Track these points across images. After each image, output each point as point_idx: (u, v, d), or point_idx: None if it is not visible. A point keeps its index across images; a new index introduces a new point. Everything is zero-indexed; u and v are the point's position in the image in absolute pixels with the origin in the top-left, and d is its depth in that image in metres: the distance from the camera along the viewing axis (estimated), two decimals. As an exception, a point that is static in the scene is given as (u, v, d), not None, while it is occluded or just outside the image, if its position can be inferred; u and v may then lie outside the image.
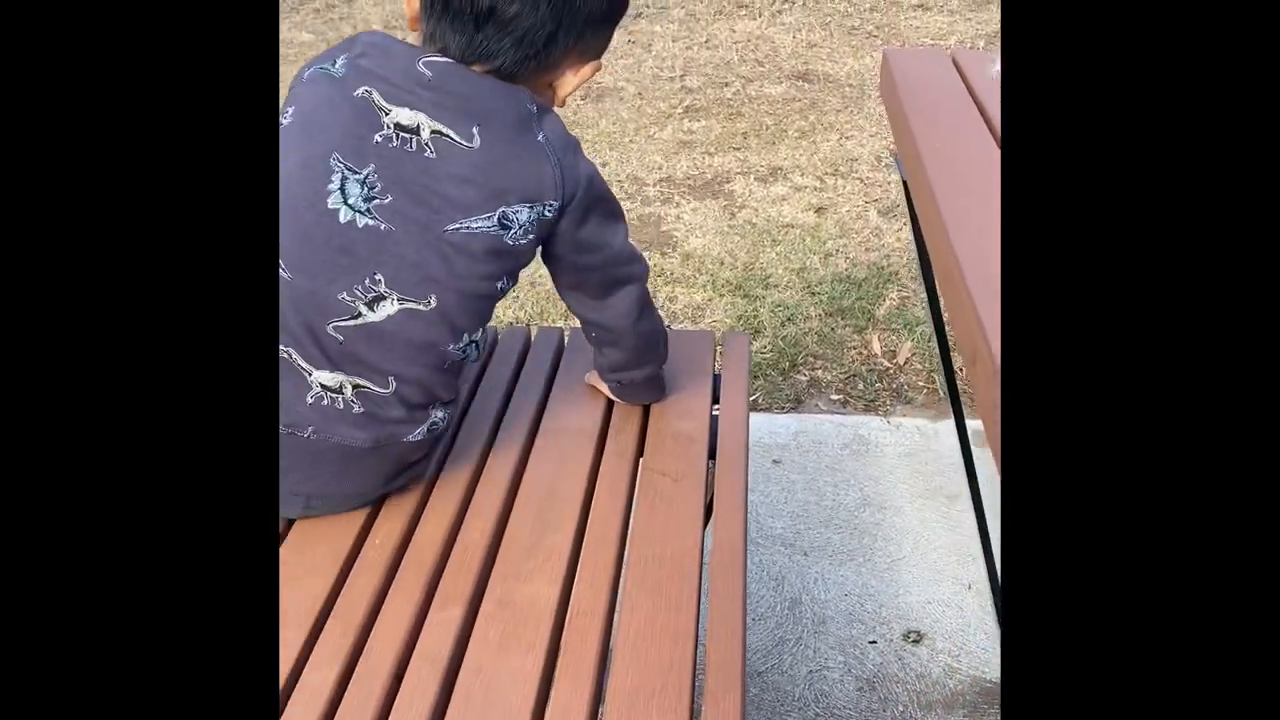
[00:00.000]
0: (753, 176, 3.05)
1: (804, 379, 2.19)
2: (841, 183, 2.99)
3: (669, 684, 0.87)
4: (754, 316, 2.37)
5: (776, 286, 2.49)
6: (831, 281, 2.49)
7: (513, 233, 0.91)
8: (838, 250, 2.63)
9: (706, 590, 0.99)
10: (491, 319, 1.03)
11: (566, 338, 1.42)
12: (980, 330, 0.86)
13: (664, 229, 2.80)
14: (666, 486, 1.11)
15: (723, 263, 2.59)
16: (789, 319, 2.36)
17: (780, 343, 2.28)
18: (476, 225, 0.90)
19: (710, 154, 3.21)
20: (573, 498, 1.11)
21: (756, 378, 2.18)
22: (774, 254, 2.63)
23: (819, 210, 2.84)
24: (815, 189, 2.96)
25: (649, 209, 2.90)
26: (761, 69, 3.90)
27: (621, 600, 0.97)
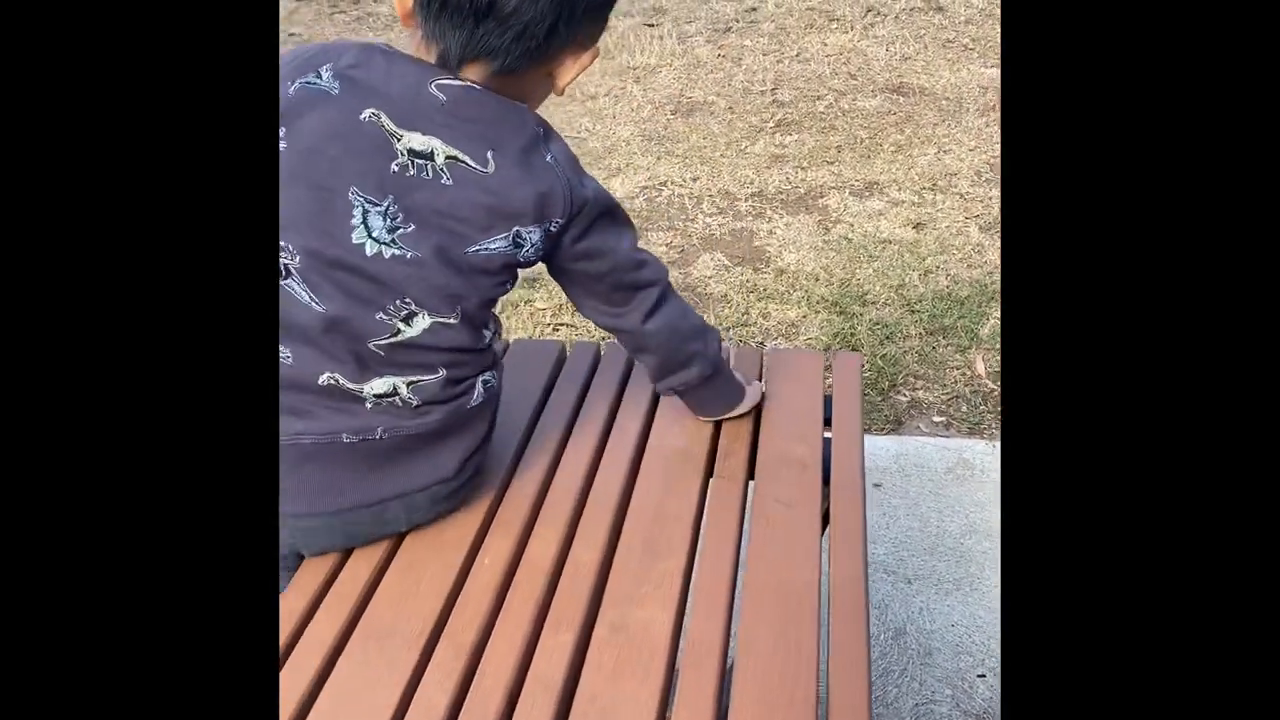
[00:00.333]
0: (847, 191, 3.00)
1: (904, 399, 2.13)
2: (940, 198, 2.92)
3: (791, 721, 0.84)
4: (851, 334, 2.32)
5: (874, 304, 2.43)
6: (932, 299, 2.43)
7: (524, 250, 0.94)
8: (938, 267, 2.56)
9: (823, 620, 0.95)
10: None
11: (671, 355, 1.40)
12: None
13: (756, 244, 2.76)
14: (780, 513, 1.08)
15: (817, 279, 2.55)
16: (888, 337, 2.30)
17: (879, 362, 2.22)
18: (494, 246, 0.92)
19: (803, 168, 3.16)
20: (682, 521, 1.08)
21: (855, 397, 2.12)
22: (871, 270, 2.57)
23: (917, 226, 2.77)
24: (913, 204, 2.89)
25: (741, 224, 2.87)
26: (854, 82, 3.84)
27: (738, 631, 0.94)
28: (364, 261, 0.89)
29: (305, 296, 0.90)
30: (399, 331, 0.93)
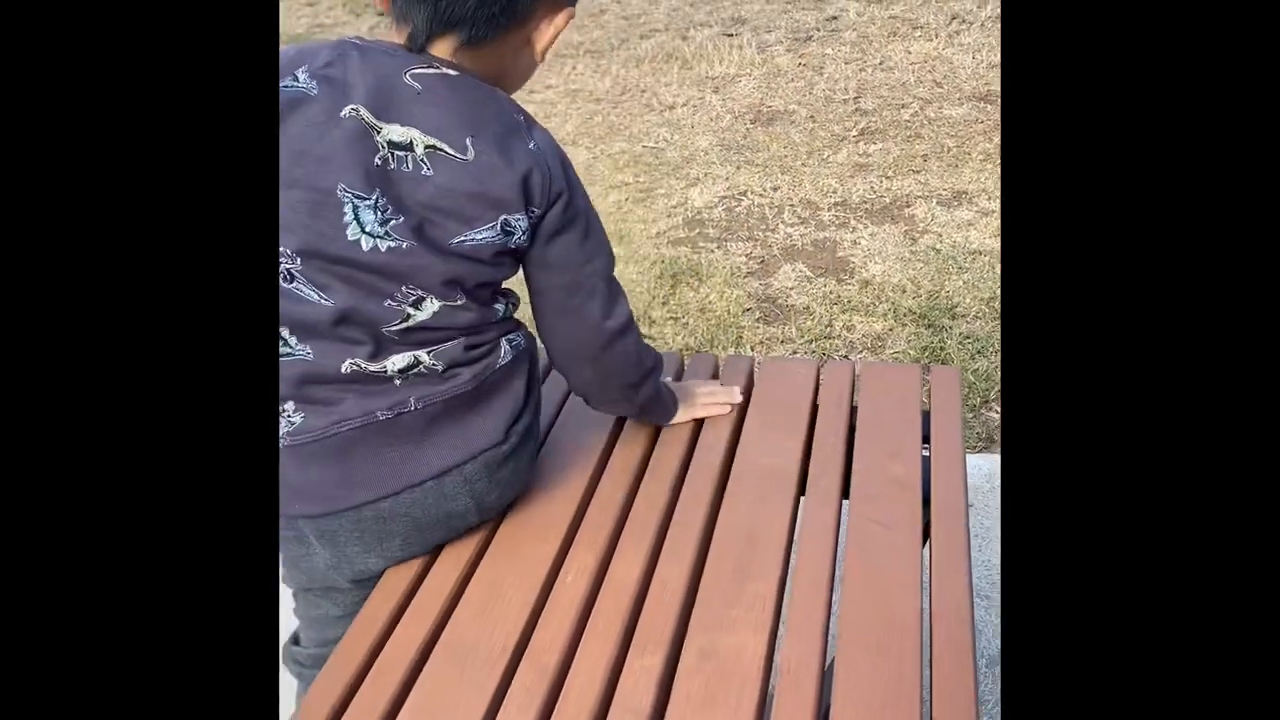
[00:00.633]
0: (935, 200, 2.91)
1: (996, 417, 2.05)
2: (1031, 208, 2.82)
3: (895, 760, 0.78)
4: (940, 348, 2.24)
5: (964, 317, 2.35)
6: (1024, 313, 2.33)
7: (515, 238, 0.93)
8: (1030, 279, 2.47)
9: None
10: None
11: (757, 367, 1.35)
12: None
13: (840, 255, 2.70)
14: (879, 535, 1.02)
15: (904, 290, 2.47)
16: (979, 352, 2.22)
17: (970, 377, 2.14)
18: (481, 236, 0.91)
19: (888, 177, 3.08)
20: (774, 542, 1.03)
21: (944, 414, 2.04)
22: (960, 282, 2.48)
23: (1008, 237, 2.68)
24: (1003, 214, 2.80)
25: (824, 234, 2.81)
26: (940, 90, 3.75)
27: (836, 659, 0.88)
28: (361, 256, 0.89)
29: (313, 295, 0.91)
30: (409, 316, 0.93)
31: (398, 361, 0.94)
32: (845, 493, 1.12)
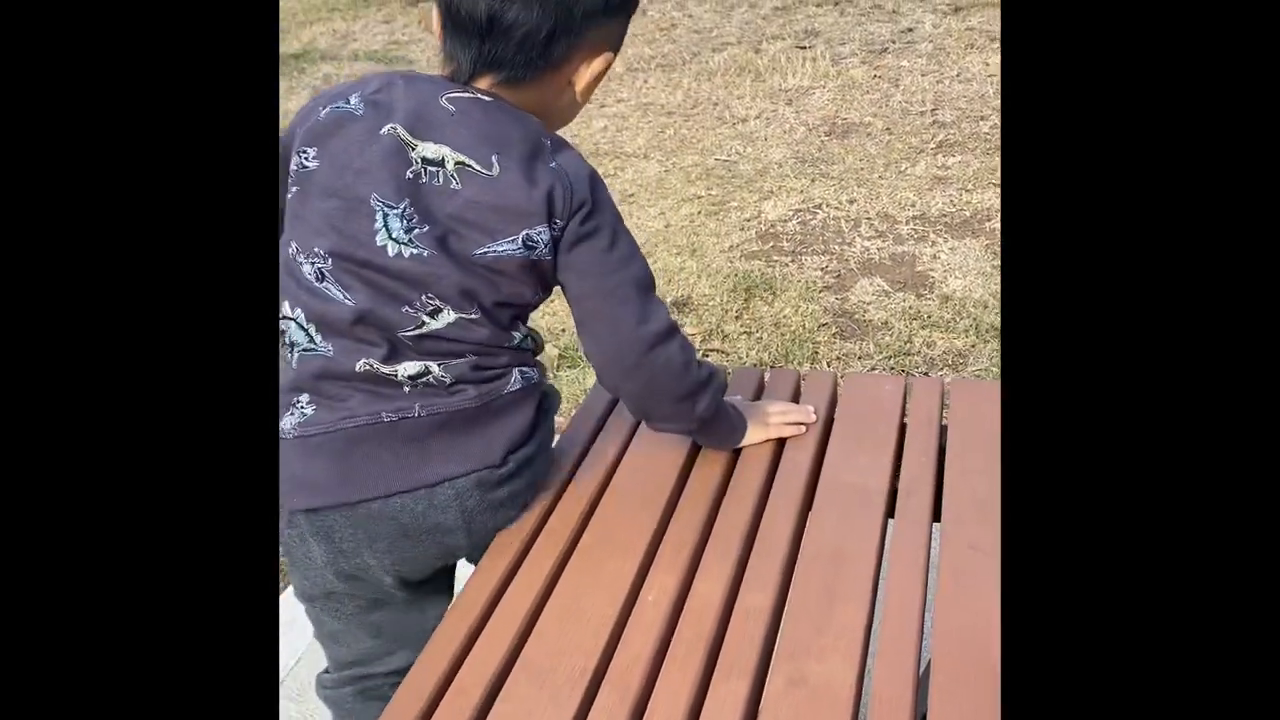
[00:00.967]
0: (1016, 214, 2.84)
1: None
2: (1120, 221, 2.72)
3: (998, 802, 0.74)
4: (1024, 366, 2.17)
5: (1049, 334, 2.27)
6: (1114, 330, 2.25)
7: (538, 250, 0.97)
8: (1119, 295, 2.38)
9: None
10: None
11: (840, 383, 1.31)
12: None
13: (919, 269, 2.64)
14: (975, 561, 0.97)
15: (986, 306, 2.40)
16: (1066, 370, 2.14)
17: (1057, 396, 2.07)
18: (502, 249, 0.96)
19: (968, 190, 3.01)
20: (862, 565, 0.99)
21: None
22: (1045, 298, 2.41)
23: (1095, 251, 2.59)
24: (1089, 228, 2.71)
25: (902, 248, 2.75)
26: (1021, 101, 3.66)
27: (932, 692, 0.84)
28: (387, 261, 0.95)
29: (339, 295, 0.97)
30: (423, 324, 0.98)
31: (409, 368, 0.99)
32: (936, 515, 1.07)
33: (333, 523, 1.00)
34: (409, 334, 0.98)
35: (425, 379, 0.99)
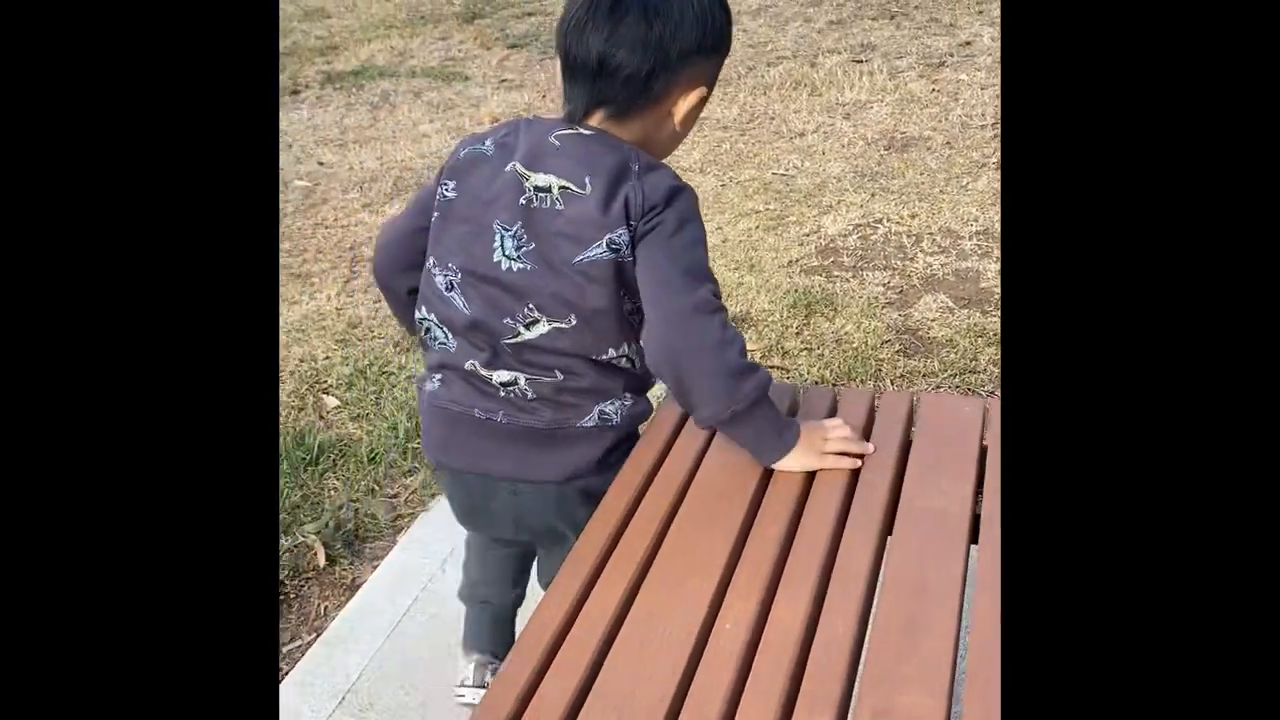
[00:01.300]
0: (1084, 229, 2.77)
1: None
2: (1193, 237, 2.65)
3: None
4: (1096, 385, 2.11)
5: (1122, 352, 2.21)
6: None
7: (621, 251, 1.09)
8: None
9: None
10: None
11: (916, 403, 1.28)
12: None
13: (983, 285, 2.58)
14: (1066, 591, 0.94)
15: (1055, 324, 2.34)
16: (1140, 390, 2.08)
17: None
18: (594, 254, 1.09)
19: (1032, 205, 2.95)
20: (947, 593, 0.96)
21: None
22: (1116, 315, 2.34)
23: (1167, 267, 2.52)
24: (1161, 244, 2.64)
25: (965, 264, 2.70)
26: (1086, 114, 3.59)
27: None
28: (500, 275, 1.12)
29: (460, 304, 1.15)
30: (519, 334, 1.13)
31: (502, 375, 1.15)
32: (1022, 542, 1.03)
33: (448, 477, 1.25)
34: (509, 342, 1.14)
35: (513, 389, 1.15)
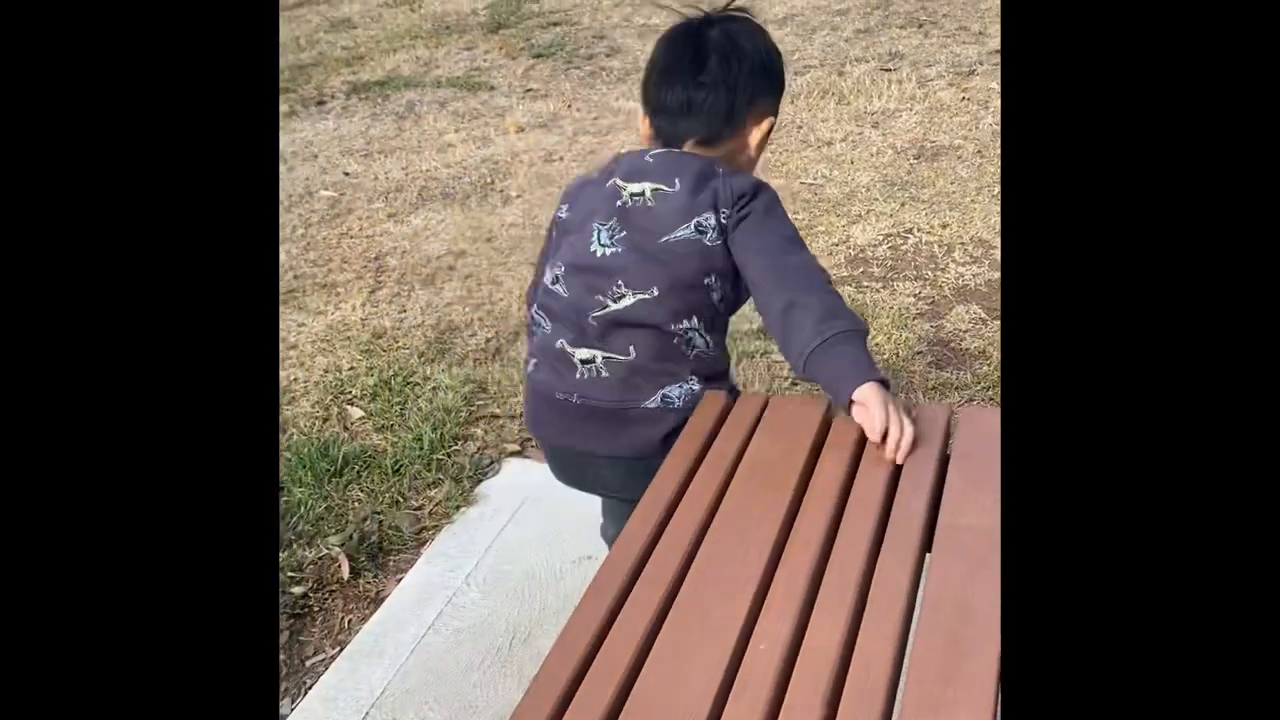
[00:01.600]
0: (1119, 239, 2.72)
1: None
2: (1232, 247, 2.59)
3: None
4: (1134, 398, 2.06)
5: (1161, 364, 2.16)
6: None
7: (708, 235, 1.27)
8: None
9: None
10: (721, 331, 1.35)
11: (955, 416, 1.25)
12: None
13: (1016, 296, 2.54)
14: (1115, 613, 0.90)
15: (1091, 335, 2.30)
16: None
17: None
18: (681, 234, 1.27)
19: (1066, 215, 2.91)
20: (988, 613, 0.93)
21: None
22: (1154, 327, 2.29)
23: (1206, 278, 2.47)
24: (1199, 254, 2.58)
25: (998, 274, 2.65)
26: (1119, 122, 3.54)
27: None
28: (594, 261, 1.31)
29: (562, 291, 1.34)
30: (607, 306, 1.29)
31: (583, 353, 1.31)
32: (1067, 562, 1.00)
33: (546, 448, 1.44)
34: (596, 315, 1.29)
35: (590, 366, 1.31)
